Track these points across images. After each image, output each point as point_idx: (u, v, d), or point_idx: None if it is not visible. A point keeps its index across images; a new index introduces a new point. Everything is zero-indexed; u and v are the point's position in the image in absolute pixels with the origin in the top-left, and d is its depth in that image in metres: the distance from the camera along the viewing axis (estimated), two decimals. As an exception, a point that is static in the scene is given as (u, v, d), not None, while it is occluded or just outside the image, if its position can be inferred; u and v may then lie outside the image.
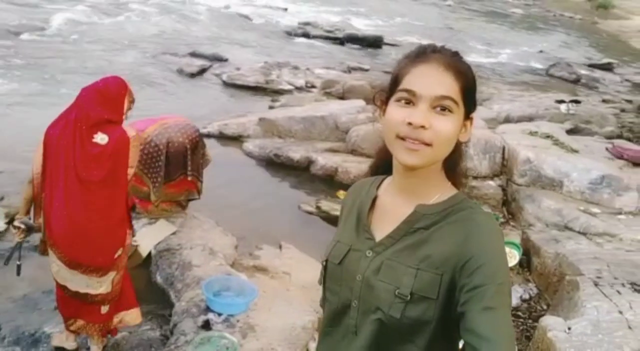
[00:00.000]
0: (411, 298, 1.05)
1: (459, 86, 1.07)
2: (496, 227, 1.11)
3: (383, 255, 1.13)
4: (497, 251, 1.05)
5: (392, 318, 1.07)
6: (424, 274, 1.06)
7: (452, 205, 1.12)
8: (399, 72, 1.11)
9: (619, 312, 3.17)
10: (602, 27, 24.15)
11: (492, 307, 0.96)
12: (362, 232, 1.19)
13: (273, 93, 8.40)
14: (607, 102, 10.05)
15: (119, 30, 11.10)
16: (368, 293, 1.12)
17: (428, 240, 1.09)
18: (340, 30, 13.97)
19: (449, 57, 1.10)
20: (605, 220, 4.57)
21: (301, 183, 5.63)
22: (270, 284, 3.78)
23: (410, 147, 1.05)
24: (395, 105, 1.09)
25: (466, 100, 1.09)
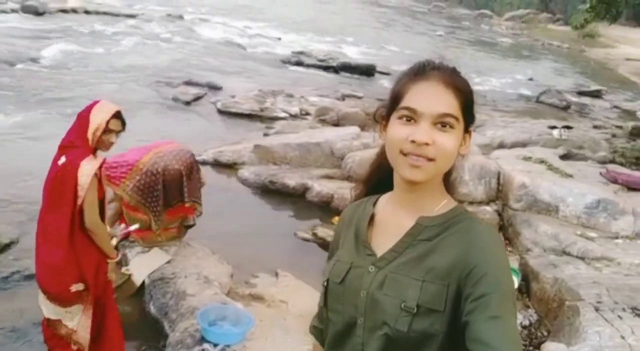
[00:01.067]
0: (418, 311, 1.04)
1: (459, 102, 1.10)
2: (497, 236, 1.13)
3: (386, 269, 1.12)
4: (499, 259, 1.05)
5: (399, 332, 1.05)
6: (429, 286, 1.05)
7: (452, 217, 1.13)
8: (399, 89, 1.13)
9: (621, 337, 3.13)
10: (590, 55, 24.65)
11: (498, 316, 0.96)
12: (362, 249, 1.19)
13: (268, 120, 8.43)
14: (598, 127, 10.16)
15: (114, 60, 11.17)
16: (373, 308, 1.11)
17: (432, 252, 1.09)
18: (334, 59, 14.15)
19: (448, 74, 1.12)
20: (602, 244, 4.56)
21: (297, 210, 5.60)
22: (266, 313, 3.71)
23: (413, 163, 1.08)
24: (397, 122, 1.11)
25: (465, 115, 1.12)
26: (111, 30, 14.12)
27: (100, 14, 16.08)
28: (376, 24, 25.89)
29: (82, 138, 2.62)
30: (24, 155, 5.94)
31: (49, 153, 2.75)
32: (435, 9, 40.27)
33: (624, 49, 26.18)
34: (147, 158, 3.99)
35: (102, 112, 2.65)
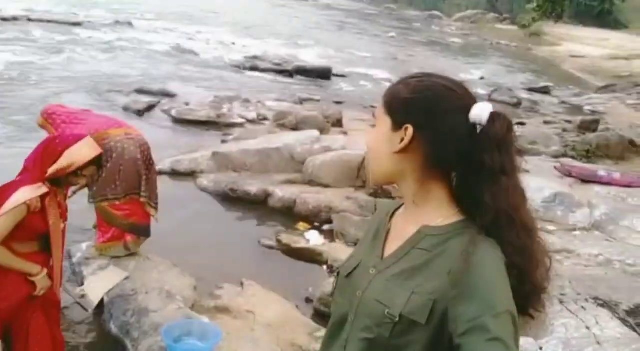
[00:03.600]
0: (400, 320, 1.04)
1: (383, 102, 1.17)
2: (496, 254, 1.05)
3: (383, 274, 1.14)
4: (496, 278, 1.01)
5: (380, 337, 1.07)
6: (416, 298, 1.05)
7: (454, 230, 1.10)
8: None
9: (587, 328, 3.20)
10: (537, 53, 25.51)
11: (498, 338, 0.92)
12: (374, 249, 1.21)
13: (225, 127, 8.29)
14: (548, 123, 10.49)
15: (61, 69, 10.80)
16: (363, 310, 1.13)
17: (427, 265, 1.08)
18: (289, 62, 14.12)
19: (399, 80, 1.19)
20: (561, 237, 4.67)
21: (260, 217, 5.50)
22: (233, 325, 3.62)
23: None
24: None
25: (390, 113, 1.15)
26: (57, 38, 13.66)
27: (44, 22, 15.52)
28: (330, 26, 26.04)
29: (39, 168, 2.50)
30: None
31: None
32: (386, 11, 40.90)
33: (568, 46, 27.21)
34: (115, 133, 3.74)
35: (79, 155, 2.53)
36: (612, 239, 4.63)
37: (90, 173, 2.65)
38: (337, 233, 5.02)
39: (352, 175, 5.82)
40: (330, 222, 5.22)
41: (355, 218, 5.08)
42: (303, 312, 3.99)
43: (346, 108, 9.85)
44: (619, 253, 4.32)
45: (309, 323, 3.82)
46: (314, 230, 5.15)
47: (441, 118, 1.09)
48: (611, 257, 4.26)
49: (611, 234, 4.70)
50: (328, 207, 5.38)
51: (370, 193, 5.51)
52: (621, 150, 7.95)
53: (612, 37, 29.58)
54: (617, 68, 20.76)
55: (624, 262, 4.17)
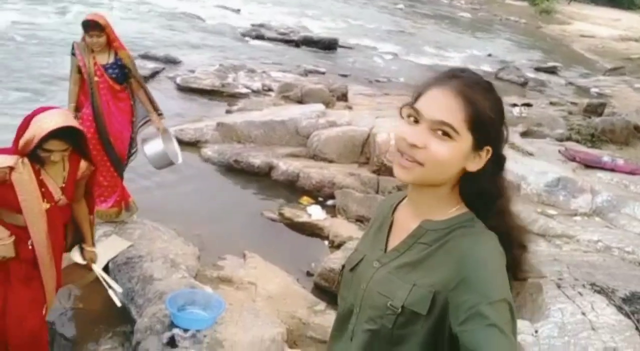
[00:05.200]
0: (402, 312, 1.08)
1: (464, 115, 1.06)
2: (495, 247, 1.09)
3: (386, 267, 1.17)
4: (494, 268, 1.05)
5: (384, 328, 1.11)
6: (418, 290, 1.08)
7: (455, 224, 1.13)
8: (420, 90, 1.14)
9: (582, 314, 3.25)
10: (546, 31, 25.13)
11: (493, 324, 0.95)
12: (378, 243, 1.23)
13: (229, 97, 8.23)
14: (554, 104, 10.42)
15: (65, 32, 10.63)
16: (368, 302, 1.17)
17: (428, 258, 1.12)
18: (295, 32, 13.93)
19: (466, 84, 1.09)
20: (562, 221, 4.70)
21: (263, 190, 5.53)
22: (235, 296, 3.68)
23: (402, 163, 1.10)
24: (405, 121, 1.13)
25: (475, 131, 1.07)
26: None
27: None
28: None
29: (15, 141, 2.40)
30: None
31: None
32: (396, -18, 40.06)
33: (579, 25, 26.82)
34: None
35: (37, 127, 2.31)
36: (613, 226, 4.66)
37: (56, 147, 2.37)
38: (339, 208, 5.06)
39: (356, 152, 5.82)
40: (333, 197, 5.26)
41: (357, 194, 5.11)
42: (303, 285, 4.06)
43: (351, 82, 9.77)
44: (619, 240, 4.36)
45: (308, 297, 3.89)
46: (316, 204, 5.19)
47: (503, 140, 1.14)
48: (610, 243, 4.30)
49: (612, 221, 4.74)
50: (331, 182, 5.40)
51: (374, 170, 5.53)
52: (626, 135, 7.92)
53: (624, 18, 29.12)
54: (628, 50, 20.52)
55: (622, 249, 4.22)
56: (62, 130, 2.33)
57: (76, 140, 2.47)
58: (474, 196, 1.14)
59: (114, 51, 3.92)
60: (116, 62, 3.91)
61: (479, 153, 1.10)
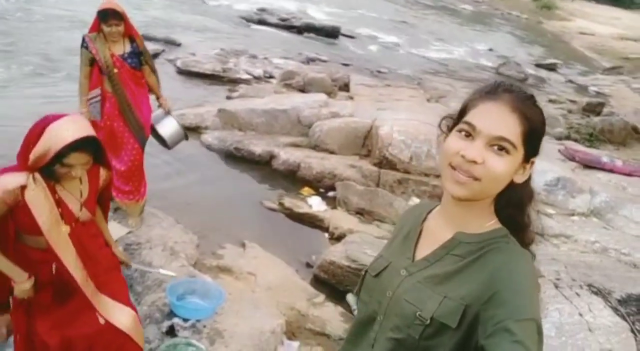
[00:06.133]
0: (430, 323, 1.07)
1: (521, 130, 1.08)
2: (528, 263, 1.11)
3: (415, 277, 1.16)
4: (527, 287, 1.05)
5: (410, 338, 1.10)
6: (449, 302, 1.08)
7: (489, 238, 1.13)
8: (468, 103, 1.13)
9: (579, 315, 3.28)
10: (547, 27, 25.04)
11: (520, 341, 0.95)
12: (405, 251, 1.22)
13: (230, 82, 8.17)
14: (553, 102, 10.42)
15: (66, 9, 10.51)
16: (394, 310, 1.16)
17: (461, 271, 1.11)
18: (297, 18, 13.81)
19: (520, 99, 1.09)
20: (560, 221, 4.73)
21: (263, 179, 5.51)
22: (235, 286, 3.68)
23: (458, 179, 1.08)
24: (456, 135, 1.12)
25: (527, 145, 1.09)
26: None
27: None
28: (339, -17, 25.33)
29: (22, 153, 2.03)
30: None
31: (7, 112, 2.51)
32: (398, -29, 39.70)
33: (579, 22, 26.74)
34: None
35: (53, 138, 1.95)
36: (610, 227, 4.69)
37: (78, 162, 2.04)
38: (339, 200, 5.06)
39: (358, 143, 5.80)
40: (333, 189, 5.25)
41: (358, 186, 5.10)
42: (302, 277, 4.06)
43: (353, 72, 9.71)
44: (615, 241, 4.39)
45: (308, 289, 3.90)
46: (317, 195, 5.18)
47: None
48: (607, 244, 4.33)
49: (609, 222, 4.77)
50: (332, 173, 5.39)
51: (375, 163, 5.52)
52: (624, 136, 7.96)
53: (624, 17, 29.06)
54: (626, 49, 20.49)
55: (619, 250, 4.25)
56: (81, 141, 1.98)
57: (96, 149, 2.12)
58: (511, 205, 1.15)
59: (129, 39, 3.83)
60: (133, 50, 3.83)
61: (525, 165, 1.12)
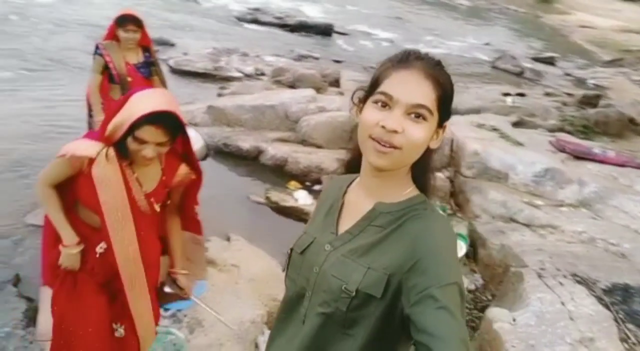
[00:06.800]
0: (356, 295, 1.09)
1: (436, 95, 1.09)
2: (448, 230, 1.13)
3: (339, 250, 1.17)
4: (446, 252, 1.07)
5: (338, 311, 1.11)
6: (372, 273, 1.09)
7: (409, 206, 1.15)
8: (380, 74, 1.13)
9: (561, 303, 3.26)
10: (545, 21, 24.97)
11: (444, 306, 0.97)
12: (328, 226, 1.24)
13: (222, 80, 8.19)
14: (549, 95, 10.36)
15: (59, 12, 10.54)
16: (321, 285, 1.17)
17: (382, 241, 1.13)
18: (291, 17, 13.81)
19: (431, 66, 1.11)
20: (548, 212, 4.70)
21: (250, 174, 5.52)
22: (218, 277, 3.68)
23: (380, 149, 1.08)
24: (372, 106, 1.11)
25: (441, 110, 1.11)
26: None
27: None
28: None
29: (103, 125, 1.92)
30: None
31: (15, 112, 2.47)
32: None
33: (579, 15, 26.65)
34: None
35: (131, 109, 1.81)
36: (599, 217, 4.66)
37: (151, 139, 1.83)
38: (326, 194, 5.04)
39: (345, 137, 5.79)
40: (320, 183, 5.24)
41: (345, 180, 5.09)
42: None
43: (345, 68, 9.70)
44: (603, 231, 4.36)
45: (291, 281, 3.89)
46: (303, 189, 5.17)
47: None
48: (595, 235, 4.30)
49: (598, 212, 4.73)
50: (319, 167, 5.39)
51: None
52: (620, 128, 7.89)
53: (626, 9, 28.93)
54: (627, 41, 20.39)
55: (607, 240, 4.22)
56: (160, 115, 1.81)
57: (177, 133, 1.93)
58: (427, 170, 1.18)
59: (143, 49, 3.82)
60: (146, 60, 3.81)
61: (439, 130, 1.14)
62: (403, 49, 1.16)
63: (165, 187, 2.08)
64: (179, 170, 2.09)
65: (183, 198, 2.24)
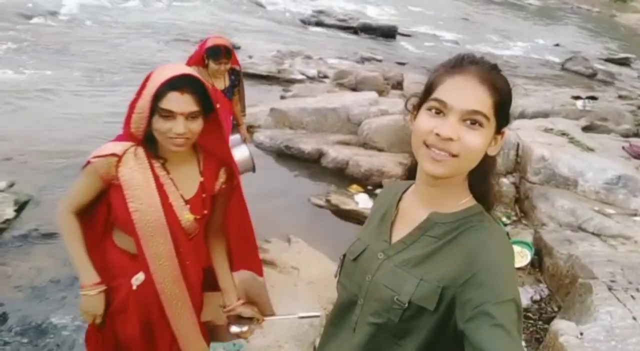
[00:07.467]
0: (409, 307, 1.07)
1: (492, 101, 1.05)
2: (504, 242, 1.09)
3: (392, 260, 1.14)
4: (504, 267, 1.03)
5: (390, 321, 1.09)
6: (425, 285, 1.06)
7: (465, 217, 1.11)
8: (434, 80, 1.10)
9: (633, 318, 3.11)
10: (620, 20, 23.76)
11: (500, 324, 0.94)
12: (382, 233, 1.20)
13: (285, 82, 8.33)
14: (623, 98, 9.87)
15: (131, 16, 11.06)
16: (373, 294, 1.15)
17: (437, 253, 1.10)
18: (354, 19, 13.86)
19: (486, 70, 1.07)
20: (620, 221, 4.48)
21: (311, 176, 5.58)
22: (278, 279, 3.75)
23: (435, 157, 1.05)
24: (426, 113, 1.08)
25: (498, 116, 1.07)
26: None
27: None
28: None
29: (127, 118, 1.65)
30: (42, 113, 5.97)
31: (66, 111, 2.62)
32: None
33: (657, 14, 25.16)
34: None
35: (153, 82, 1.57)
36: (676, 228, 4.40)
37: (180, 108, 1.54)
38: (386, 198, 5.03)
39: (407, 141, 5.70)
40: (381, 186, 5.24)
41: (406, 184, 5.06)
42: (345, 273, 4.07)
43: (408, 70, 9.64)
44: (680, 243, 4.11)
45: (350, 284, 3.91)
46: (364, 193, 5.18)
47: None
48: (672, 247, 4.07)
49: (676, 223, 4.47)
50: (380, 170, 5.38)
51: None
52: (700, 133, 7.41)
53: None
54: None
55: (685, 253, 3.98)
56: (182, 78, 1.56)
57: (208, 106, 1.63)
58: (486, 179, 1.14)
59: (229, 71, 3.74)
60: (232, 83, 3.76)
61: (497, 136, 1.10)
62: (457, 53, 1.13)
63: (205, 191, 1.74)
64: (219, 174, 1.77)
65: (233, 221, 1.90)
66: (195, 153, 1.75)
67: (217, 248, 1.90)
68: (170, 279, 1.70)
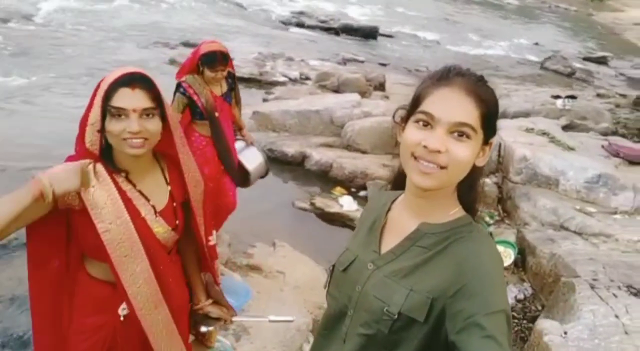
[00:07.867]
0: (398, 318, 1.06)
1: (479, 113, 1.06)
2: (494, 253, 1.10)
3: (382, 270, 1.14)
4: (494, 277, 1.04)
5: (380, 333, 1.09)
6: (415, 295, 1.06)
7: (455, 227, 1.12)
8: (421, 92, 1.10)
9: (615, 316, 3.15)
10: (597, 19, 24.14)
11: (491, 336, 0.94)
12: (371, 244, 1.20)
13: (267, 85, 8.30)
14: (601, 96, 10.02)
15: (110, 19, 10.94)
16: (363, 305, 1.14)
17: (427, 263, 1.10)
18: (335, 20, 13.88)
19: (473, 82, 1.08)
20: (601, 220, 4.54)
21: (295, 179, 5.57)
22: (263, 284, 3.74)
23: (423, 170, 1.05)
24: (414, 126, 1.08)
25: (485, 127, 1.07)
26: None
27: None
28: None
29: (80, 134, 1.55)
30: (24, 119, 5.86)
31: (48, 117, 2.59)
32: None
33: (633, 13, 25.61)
34: None
35: (102, 87, 1.50)
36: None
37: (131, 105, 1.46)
38: (370, 200, 5.04)
39: (390, 142, 5.77)
40: (365, 188, 5.24)
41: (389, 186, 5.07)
42: (331, 276, 4.07)
43: (390, 71, 9.68)
44: (660, 240, 4.18)
45: (336, 288, 3.91)
46: (348, 195, 5.18)
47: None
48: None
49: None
50: (364, 172, 5.39)
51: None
52: (677, 130, 7.56)
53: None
54: (685, 39, 19.49)
55: (664, 250, 4.05)
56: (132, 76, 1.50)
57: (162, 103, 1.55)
58: (474, 189, 1.15)
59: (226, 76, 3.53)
60: (229, 87, 3.60)
61: (485, 147, 1.10)
62: (444, 65, 1.13)
63: (174, 200, 1.66)
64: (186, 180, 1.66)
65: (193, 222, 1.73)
66: (157, 162, 1.66)
67: (187, 248, 1.82)
68: (151, 304, 1.57)
